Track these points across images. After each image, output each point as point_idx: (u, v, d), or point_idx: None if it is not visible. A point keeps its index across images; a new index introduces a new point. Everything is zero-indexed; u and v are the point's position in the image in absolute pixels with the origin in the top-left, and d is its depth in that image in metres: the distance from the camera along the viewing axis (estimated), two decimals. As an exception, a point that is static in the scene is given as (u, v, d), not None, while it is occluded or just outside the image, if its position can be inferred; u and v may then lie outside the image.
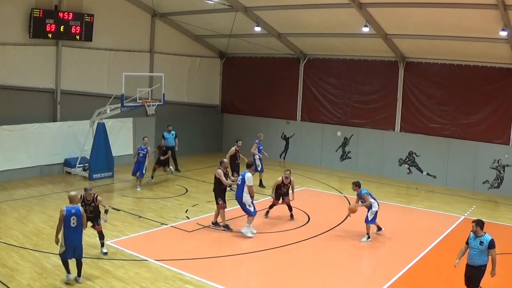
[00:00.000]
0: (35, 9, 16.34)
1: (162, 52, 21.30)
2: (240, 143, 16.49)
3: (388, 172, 19.46)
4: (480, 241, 7.82)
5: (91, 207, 10.08)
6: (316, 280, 9.45)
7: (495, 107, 17.31)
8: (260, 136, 17.21)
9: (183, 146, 19.73)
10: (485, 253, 7.79)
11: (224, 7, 17.99)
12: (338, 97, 20.83)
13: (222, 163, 12.43)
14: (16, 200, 13.96)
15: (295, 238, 11.67)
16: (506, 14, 13.51)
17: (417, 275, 9.81)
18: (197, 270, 9.56)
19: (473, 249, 7.90)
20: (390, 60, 19.29)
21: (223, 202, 12.18)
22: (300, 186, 17.30)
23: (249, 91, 23.26)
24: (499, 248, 8.08)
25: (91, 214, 10.13)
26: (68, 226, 8.56)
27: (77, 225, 8.64)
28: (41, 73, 17.44)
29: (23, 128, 16.69)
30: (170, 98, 18.88)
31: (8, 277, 8.81)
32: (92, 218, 10.17)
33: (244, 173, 11.95)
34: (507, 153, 17.02)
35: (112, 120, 18.51)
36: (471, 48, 16.47)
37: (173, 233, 11.93)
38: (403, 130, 19.36)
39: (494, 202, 16.28)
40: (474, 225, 7.92)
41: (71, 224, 8.57)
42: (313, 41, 20.20)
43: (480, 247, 7.80)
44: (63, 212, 8.57)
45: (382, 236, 12.46)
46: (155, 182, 17.04)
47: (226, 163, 12.69)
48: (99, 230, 10.22)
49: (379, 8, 15.69)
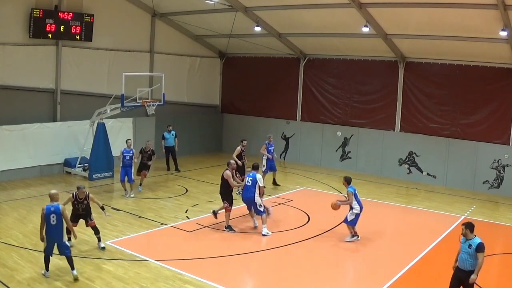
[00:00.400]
0: (35, 9, 16.35)
1: (162, 52, 21.31)
2: (246, 142, 16.39)
3: (388, 172, 19.46)
4: (469, 244, 7.65)
5: (83, 205, 10.24)
6: (316, 280, 9.45)
7: (495, 107, 17.31)
8: (270, 137, 17.14)
9: (183, 146, 19.74)
10: (474, 257, 7.61)
11: (224, 7, 17.99)
12: (338, 97, 20.83)
13: (230, 164, 12.39)
14: (16, 200, 13.96)
15: (295, 238, 11.67)
16: (506, 14, 13.51)
17: (417, 275, 9.81)
18: (197, 270, 9.56)
19: (462, 252, 7.77)
20: (390, 60, 19.29)
21: (229, 204, 12.13)
22: (300, 186, 17.32)
23: (249, 91, 23.27)
24: (499, 248, 8.10)
25: (83, 212, 10.27)
26: (48, 224, 8.78)
27: (57, 223, 8.81)
28: (41, 73, 17.45)
29: (23, 128, 16.69)
30: (170, 98, 18.87)
31: (8, 277, 8.81)
32: (84, 216, 10.32)
33: (253, 174, 12.01)
34: (507, 153, 17.02)
35: (112, 120, 18.51)
36: (471, 48, 16.47)
37: (173, 233, 11.93)
38: (403, 130, 19.36)
39: (494, 202, 16.28)
40: (464, 228, 7.77)
41: (51, 222, 8.77)
42: (313, 41, 20.20)
43: (468, 250, 7.63)
44: (43, 210, 8.82)
45: (382, 236, 12.47)
46: (155, 182, 17.04)
47: (234, 164, 12.62)
48: (93, 225, 10.36)
49: (379, 8, 15.69)
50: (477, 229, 7.91)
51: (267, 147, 16.73)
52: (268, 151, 16.71)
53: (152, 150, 15.92)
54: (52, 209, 8.79)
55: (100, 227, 11.84)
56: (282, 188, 16.74)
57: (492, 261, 10.73)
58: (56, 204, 8.91)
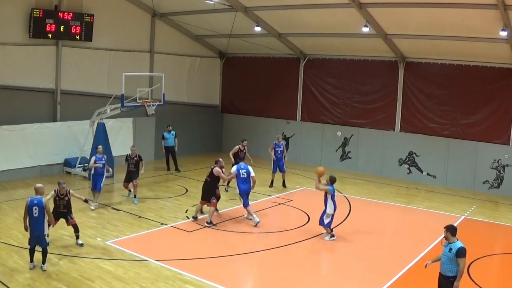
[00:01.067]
0: (35, 9, 16.34)
1: (162, 52, 21.30)
2: (246, 142, 16.49)
3: (388, 172, 19.46)
4: (450, 247, 7.25)
5: (64, 201, 10.30)
6: (316, 280, 9.45)
7: (495, 107, 17.31)
8: (278, 137, 17.13)
9: (183, 146, 19.74)
10: (454, 262, 7.17)
11: (224, 7, 17.99)
12: (338, 97, 20.83)
13: (218, 162, 12.61)
14: (16, 200, 13.95)
15: (295, 238, 11.66)
16: (506, 14, 13.51)
17: (417, 275, 9.81)
18: (197, 270, 9.55)
19: (443, 255, 7.38)
20: (390, 60, 19.29)
21: (217, 200, 12.54)
22: (300, 186, 17.32)
23: (249, 91, 23.26)
24: (499, 248, 8.06)
25: (64, 209, 10.33)
26: (31, 216, 9.05)
27: (39, 215, 9.04)
28: (41, 73, 17.44)
29: (23, 128, 16.69)
30: (170, 98, 18.87)
31: (8, 277, 8.81)
32: (65, 214, 10.36)
33: (245, 166, 12.76)
34: (507, 153, 17.02)
35: (112, 120, 18.51)
36: (471, 48, 16.47)
37: (173, 233, 11.93)
38: (403, 130, 19.36)
39: (494, 202, 16.27)
40: (445, 231, 7.41)
41: (33, 214, 9.02)
42: (313, 41, 20.20)
43: (448, 254, 7.23)
44: (27, 202, 9.10)
45: (382, 236, 12.47)
46: (155, 182, 17.04)
47: (222, 162, 12.78)
48: (74, 223, 10.45)
49: (379, 8, 15.68)
50: (477, 229, 7.91)
51: (274, 148, 16.75)
52: (275, 152, 16.72)
53: (139, 156, 14.41)
54: (35, 201, 9.07)
55: (100, 227, 11.94)
56: (282, 188, 16.74)
57: (492, 261, 10.75)
58: (39, 197, 9.16)
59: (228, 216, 13.31)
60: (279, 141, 16.88)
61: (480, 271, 9.83)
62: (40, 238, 9.12)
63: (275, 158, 16.73)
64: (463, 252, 7.13)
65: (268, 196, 15.68)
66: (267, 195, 15.83)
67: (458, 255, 7.12)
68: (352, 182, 18.34)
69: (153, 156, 20.61)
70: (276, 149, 16.72)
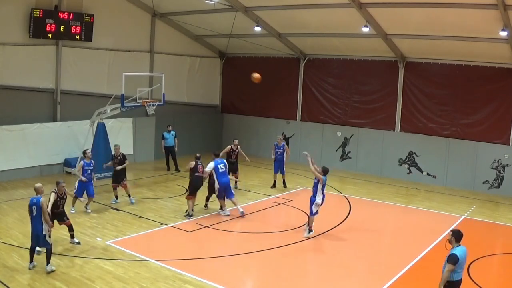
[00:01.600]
0: (35, 9, 16.35)
1: (162, 52, 21.30)
2: (237, 141, 16.55)
3: (388, 172, 19.45)
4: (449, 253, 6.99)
5: (63, 200, 10.32)
6: (316, 280, 9.45)
7: (495, 107, 17.31)
8: (278, 138, 17.09)
9: (183, 146, 19.73)
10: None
11: (224, 7, 17.99)
12: (338, 97, 20.83)
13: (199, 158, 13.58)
14: (16, 200, 13.96)
15: (295, 238, 11.67)
16: (506, 14, 13.51)
17: (417, 275, 9.81)
18: (197, 270, 9.55)
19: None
20: (390, 60, 19.29)
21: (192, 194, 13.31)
22: (300, 186, 17.32)
23: (249, 91, 23.22)
24: (499, 248, 8.06)
25: (62, 208, 10.33)
26: (31, 215, 9.14)
27: (37, 215, 9.07)
28: (41, 73, 17.45)
29: (23, 128, 16.70)
30: (170, 98, 18.87)
31: (8, 277, 8.81)
32: (61, 214, 10.34)
33: (222, 160, 13.65)
34: (507, 153, 17.02)
35: (112, 120, 18.51)
36: (471, 48, 16.47)
37: (173, 233, 11.93)
38: (403, 130, 19.36)
39: (494, 202, 16.27)
40: (450, 234, 7.14)
41: (33, 213, 9.11)
42: (313, 41, 20.20)
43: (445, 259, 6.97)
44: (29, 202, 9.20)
45: (382, 236, 12.47)
46: (155, 182, 17.03)
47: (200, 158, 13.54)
48: (69, 224, 10.48)
49: (379, 8, 15.68)
50: (477, 229, 7.89)
51: (275, 148, 16.73)
52: (275, 153, 16.71)
53: (123, 155, 14.27)
54: (34, 200, 9.14)
55: (100, 227, 11.95)
56: (282, 188, 16.73)
57: (492, 261, 10.75)
58: (38, 196, 9.20)
59: (228, 216, 13.31)
60: (279, 142, 16.86)
61: (480, 271, 9.82)
62: (39, 238, 9.09)
63: (273, 158, 16.73)
64: (451, 258, 6.88)
65: (268, 196, 15.68)
66: (267, 195, 15.84)
67: (448, 259, 6.92)
68: (352, 182, 18.34)
69: (153, 156, 20.62)
70: (276, 150, 16.70)
